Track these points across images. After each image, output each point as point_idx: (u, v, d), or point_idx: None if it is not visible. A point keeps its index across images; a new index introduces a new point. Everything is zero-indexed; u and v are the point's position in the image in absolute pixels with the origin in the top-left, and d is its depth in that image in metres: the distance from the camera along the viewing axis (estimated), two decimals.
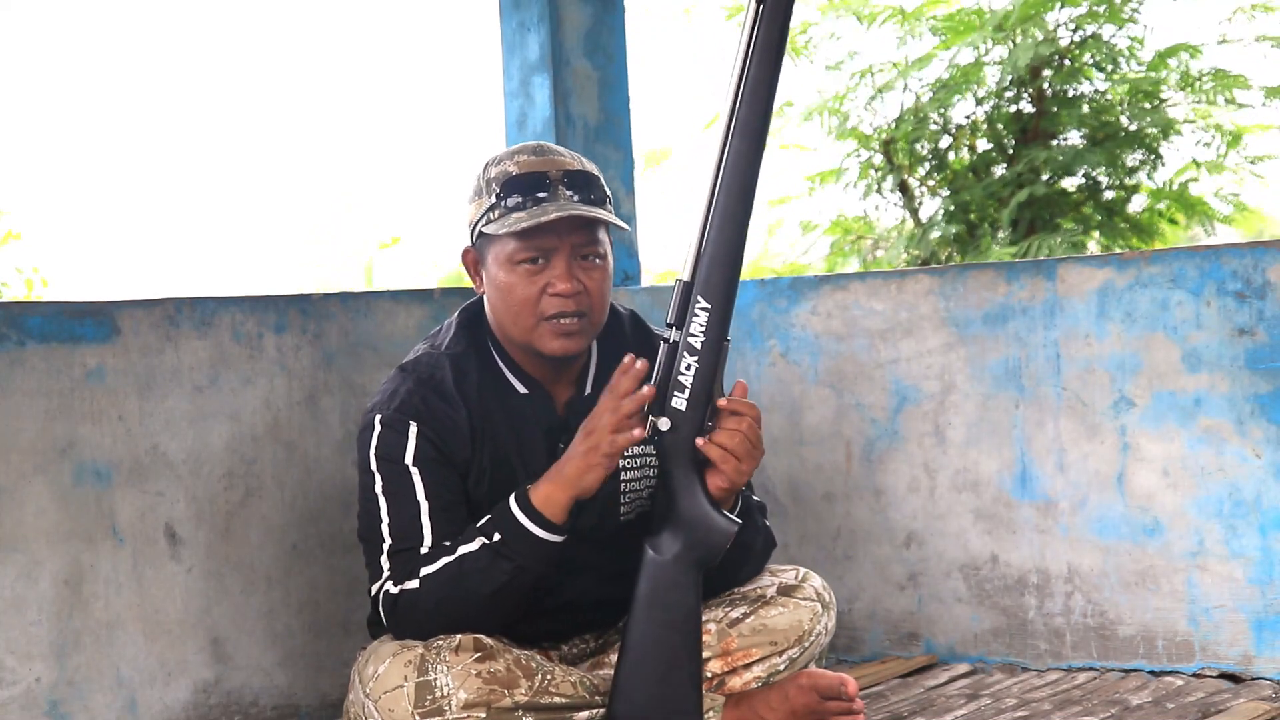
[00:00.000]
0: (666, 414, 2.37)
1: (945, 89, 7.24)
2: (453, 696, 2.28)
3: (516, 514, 2.34)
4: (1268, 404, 2.92)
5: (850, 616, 3.36)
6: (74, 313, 2.71)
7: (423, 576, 2.35)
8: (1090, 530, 3.11)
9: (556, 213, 2.36)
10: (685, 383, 2.36)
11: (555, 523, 2.33)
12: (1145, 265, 3.05)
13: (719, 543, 2.36)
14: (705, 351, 2.36)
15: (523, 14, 3.63)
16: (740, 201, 2.35)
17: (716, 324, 2.36)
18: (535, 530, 2.33)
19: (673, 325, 2.37)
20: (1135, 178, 7.31)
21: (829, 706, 2.44)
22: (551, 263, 2.40)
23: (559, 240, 2.39)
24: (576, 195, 2.40)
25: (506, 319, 2.44)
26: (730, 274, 2.36)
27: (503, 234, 2.39)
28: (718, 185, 2.36)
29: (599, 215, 2.39)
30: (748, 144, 2.35)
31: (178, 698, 2.77)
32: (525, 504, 2.34)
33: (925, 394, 3.27)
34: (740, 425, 2.35)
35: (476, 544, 2.34)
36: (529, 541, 2.33)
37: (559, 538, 2.34)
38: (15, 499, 2.61)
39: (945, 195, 7.47)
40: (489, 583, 2.33)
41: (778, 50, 2.35)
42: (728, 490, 2.38)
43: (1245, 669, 2.97)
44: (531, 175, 2.41)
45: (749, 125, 2.35)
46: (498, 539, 2.33)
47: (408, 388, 2.44)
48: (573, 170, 2.43)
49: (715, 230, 2.36)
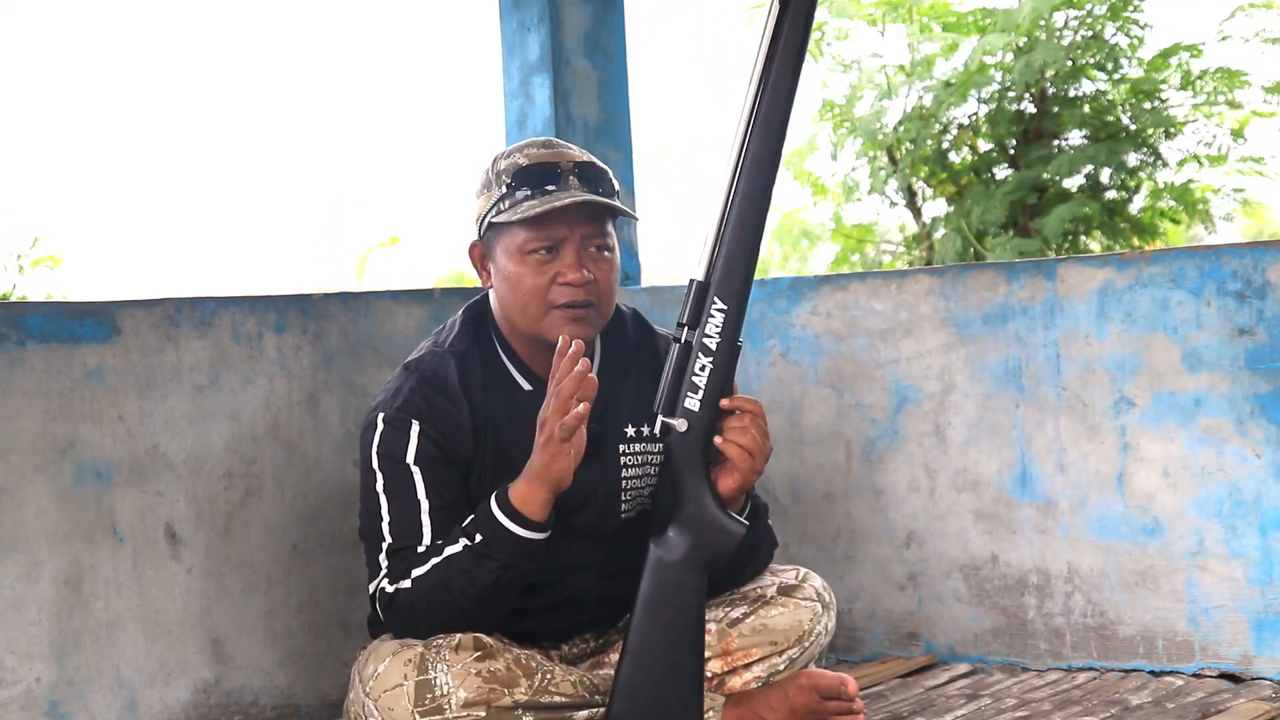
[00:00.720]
0: (680, 414, 2.37)
1: (949, 89, 7.24)
2: (452, 695, 2.28)
3: (496, 514, 2.33)
4: (1268, 404, 2.92)
5: (850, 616, 3.36)
6: (74, 313, 2.71)
7: (414, 577, 2.35)
8: (1090, 530, 3.11)
9: (570, 198, 2.36)
10: (699, 383, 2.36)
11: (535, 520, 2.32)
12: (1145, 265, 3.05)
13: (727, 545, 2.36)
14: (720, 353, 2.36)
15: (523, 14, 3.63)
16: (757, 203, 2.35)
17: (732, 325, 2.35)
18: (515, 529, 2.32)
19: (685, 325, 2.37)
20: (1136, 177, 7.31)
21: (829, 706, 2.44)
22: (561, 253, 2.40)
23: (569, 230, 2.39)
24: (586, 186, 2.41)
25: (515, 310, 2.44)
26: (746, 275, 2.36)
27: (514, 221, 2.39)
28: (735, 186, 2.36)
29: (611, 204, 2.40)
30: (766, 146, 2.34)
31: (178, 698, 2.77)
32: (504, 503, 2.33)
33: (925, 394, 3.27)
34: (753, 423, 2.35)
35: (460, 545, 2.34)
36: (510, 540, 2.32)
37: (541, 534, 2.33)
38: (15, 499, 2.61)
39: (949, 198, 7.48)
40: (476, 583, 2.33)
41: (799, 52, 2.35)
42: (738, 490, 2.38)
43: (1245, 669, 2.97)
44: (542, 166, 2.41)
45: (768, 127, 2.34)
46: (479, 540, 2.33)
47: (410, 386, 2.44)
48: (582, 162, 2.44)
49: (732, 231, 2.35)
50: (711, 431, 2.36)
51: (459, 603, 2.34)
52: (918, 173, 7.48)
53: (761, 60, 2.35)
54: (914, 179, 7.51)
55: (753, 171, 2.35)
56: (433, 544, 2.37)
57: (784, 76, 2.34)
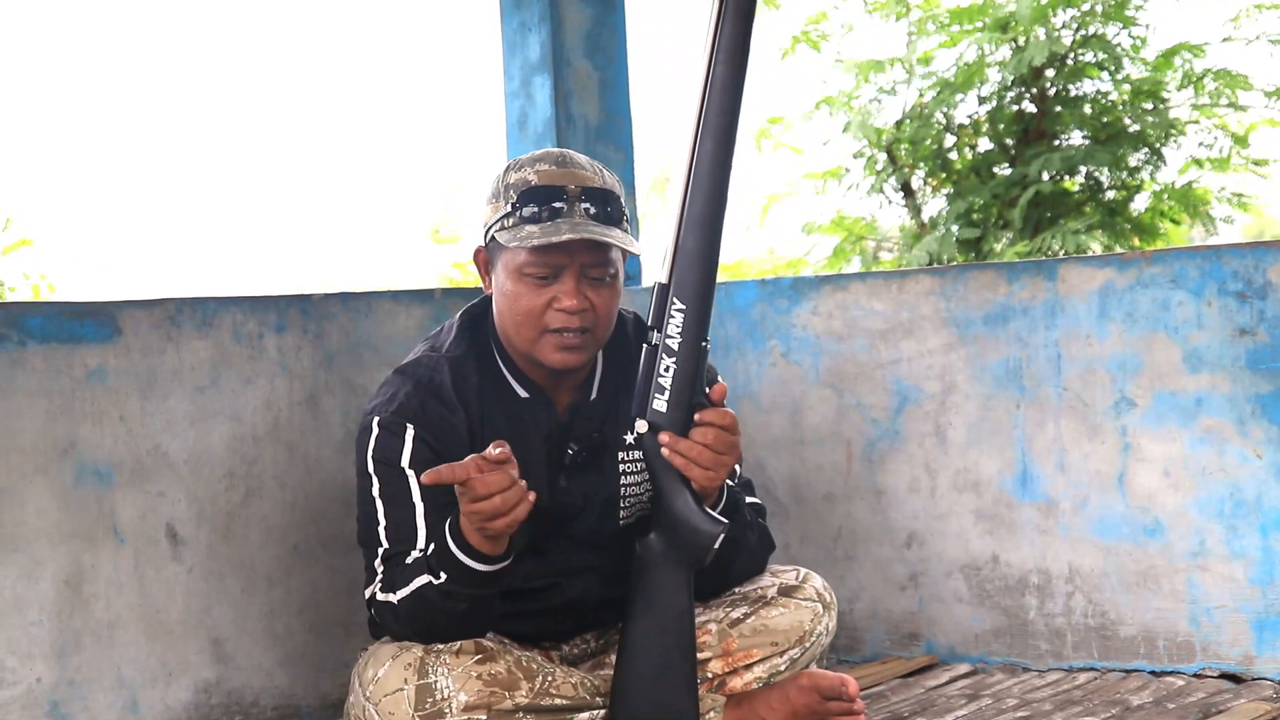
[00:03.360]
0: (648, 416, 2.36)
1: (948, 88, 7.24)
2: (453, 699, 2.28)
3: (454, 551, 2.26)
4: (1269, 404, 2.92)
5: (851, 617, 3.36)
6: (75, 313, 2.71)
7: (399, 597, 2.33)
8: (1091, 530, 3.11)
9: (569, 234, 2.33)
10: (665, 384, 2.35)
11: (490, 554, 2.25)
12: (1146, 265, 3.05)
13: (705, 543, 2.35)
14: (683, 353, 2.34)
15: (524, 14, 3.63)
16: (711, 203, 2.33)
17: (693, 325, 2.34)
18: (475, 565, 2.26)
19: (653, 328, 2.37)
20: (1138, 178, 7.31)
21: (830, 707, 2.44)
22: (561, 279, 2.38)
23: (569, 259, 2.37)
24: (594, 209, 2.38)
25: (510, 326, 2.43)
26: (705, 275, 2.34)
27: (513, 246, 2.38)
28: (689, 188, 2.34)
29: (610, 240, 2.36)
30: (716, 145, 2.32)
31: (178, 698, 2.77)
32: (459, 539, 2.26)
33: (926, 394, 3.27)
34: (706, 437, 2.33)
35: (425, 579, 2.30)
36: (471, 575, 2.27)
37: (501, 565, 2.28)
38: (16, 499, 2.61)
39: (948, 194, 7.48)
40: (449, 612, 2.30)
41: (743, 49, 2.32)
42: (701, 491, 2.37)
43: (1246, 669, 2.97)
44: (550, 188, 2.38)
45: (717, 127, 2.32)
46: (444, 579, 2.28)
47: (406, 390, 2.43)
48: (592, 187, 2.40)
49: (688, 232, 2.34)
50: (684, 432, 2.35)
51: (439, 625, 2.32)
52: (918, 170, 7.48)
53: (706, 60, 2.32)
54: (912, 177, 7.51)
55: (704, 172, 2.32)
56: (419, 559, 2.34)
57: (729, 75, 2.31)
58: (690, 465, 2.33)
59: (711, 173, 2.33)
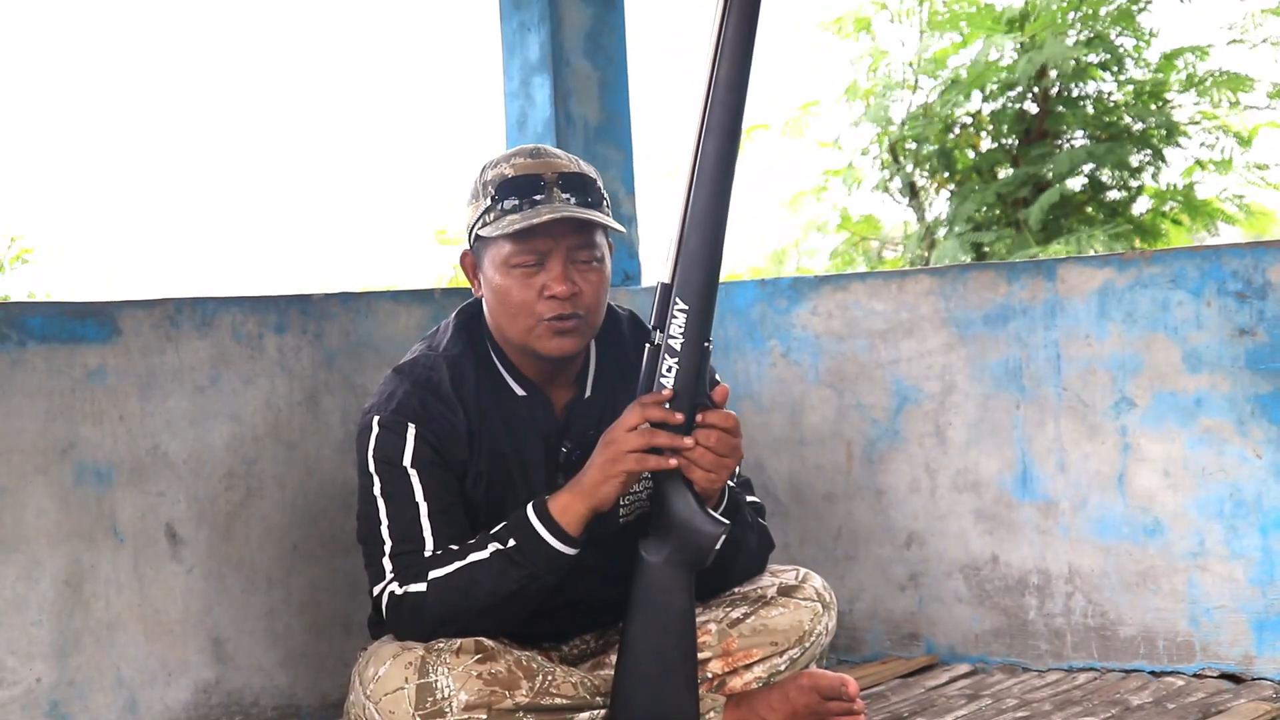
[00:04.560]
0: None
1: (955, 87, 7.24)
2: (454, 698, 2.28)
3: (534, 522, 2.33)
4: (1268, 404, 2.92)
5: (851, 617, 3.36)
6: (75, 313, 2.71)
7: (430, 580, 2.35)
8: (1091, 530, 3.11)
9: (550, 214, 2.35)
10: (667, 384, 2.36)
11: (571, 534, 2.33)
12: (1146, 265, 3.05)
13: (706, 544, 2.36)
14: (685, 353, 2.35)
15: (523, 14, 3.63)
16: (715, 202, 2.33)
17: (695, 325, 2.34)
18: (551, 540, 2.32)
19: (656, 328, 2.37)
20: (1139, 179, 7.31)
21: (830, 707, 2.44)
22: (547, 265, 2.39)
23: (554, 243, 2.38)
24: (573, 198, 2.39)
25: (504, 322, 2.44)
26: (708, 275, 2.34)
27: (497, 236, 2.38)
28: (692, 187, 2.35)
29: (592, 217, 2.38)
30: (720, 144, 2.32)
31: (178, 698, 2.77)
32: (543, 513, 2.34)
33: (926, 394, 3.27)
34: (708, 438, 2.34)
35: (489, 550, 2.34)
36: (543, 551, 2.32)
37: (573, 549, 2.34)
38: (16, 499, 2.61)
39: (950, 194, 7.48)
40: (497, 591, 2.33)
41: (747, 48, 2.32)
42: (702, 492, 2.37)
43: (1246, 669, 2.97)
44: (526, 178, 2.40)
45: (721, 125, 2.32)
46: (512, 545, 2.33)
47: (405, 389, 2.43)
48: (568, 172, 2.42)
49: (691, 232, 2.35)
50: (686, 433, 2.35)
51: (475, 607, 2.33)
52: (921, 168, 7.49)
53: (710, 58, 2.33)
54: (915, 176, 7.51)
55: (708, 171, 2.33)
56: (444, 547, 2.36)
57: (733, 74, 2.31)
58: (692, 466, 2.34)
59: (715, 172, 2.33)
